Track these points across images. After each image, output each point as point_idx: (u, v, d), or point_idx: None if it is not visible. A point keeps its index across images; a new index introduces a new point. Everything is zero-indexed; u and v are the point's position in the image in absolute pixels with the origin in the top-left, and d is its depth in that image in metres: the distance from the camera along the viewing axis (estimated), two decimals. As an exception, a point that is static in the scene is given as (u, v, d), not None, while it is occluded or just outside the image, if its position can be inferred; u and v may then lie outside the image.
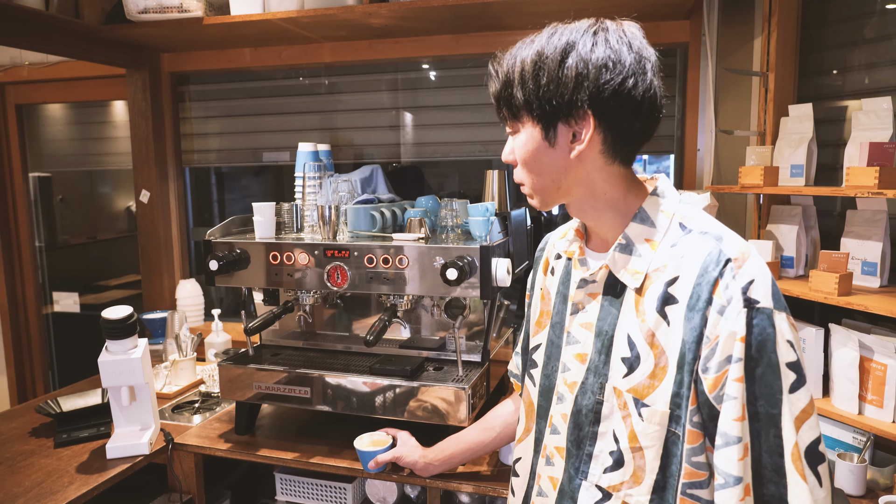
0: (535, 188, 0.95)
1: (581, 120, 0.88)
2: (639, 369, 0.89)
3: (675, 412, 0.86)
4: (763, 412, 0.80)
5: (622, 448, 0.91)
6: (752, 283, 0.82)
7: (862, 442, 1.58)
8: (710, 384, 0.82)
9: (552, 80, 0.86)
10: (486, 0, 1.87)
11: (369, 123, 2.53)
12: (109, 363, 1.65)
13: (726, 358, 0.81)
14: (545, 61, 0.87)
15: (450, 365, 1.76)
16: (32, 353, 3.10)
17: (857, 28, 1.81)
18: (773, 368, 0.80)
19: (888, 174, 1.46)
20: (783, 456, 0.79)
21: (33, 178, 3.05)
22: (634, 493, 0.90)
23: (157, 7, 2.14)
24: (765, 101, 1.91)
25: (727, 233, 0.88)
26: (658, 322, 0.88)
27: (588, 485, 0.94)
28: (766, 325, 0.80)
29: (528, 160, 0.93)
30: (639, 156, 2.41)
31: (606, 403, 0.92)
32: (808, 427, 0.80)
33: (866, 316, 1.62)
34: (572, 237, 1.05)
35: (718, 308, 0.82)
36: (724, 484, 0.81)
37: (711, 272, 0.83)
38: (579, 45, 0.86)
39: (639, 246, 0.92)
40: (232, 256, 1.69)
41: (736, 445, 0.80)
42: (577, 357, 0.98)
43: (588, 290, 0.98)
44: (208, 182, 2.94)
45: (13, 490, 1.52)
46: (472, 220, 1.67)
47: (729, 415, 0.81)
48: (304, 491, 1.79)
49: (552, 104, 0.87)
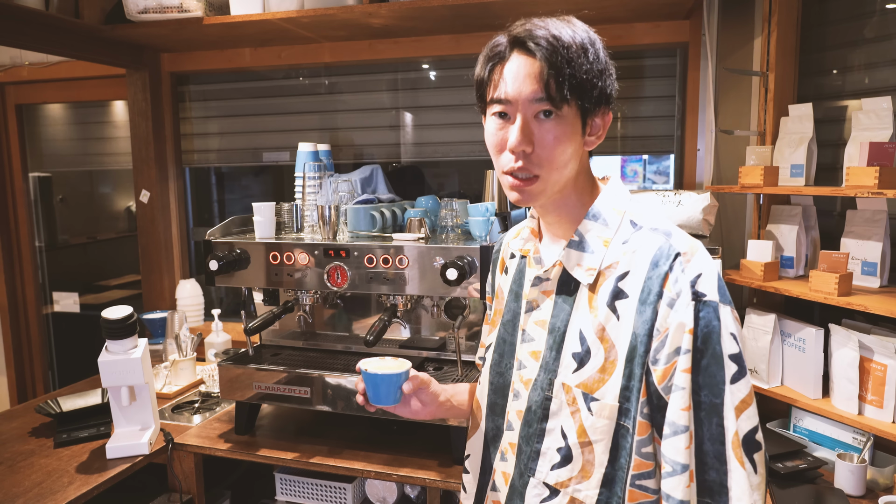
0: (551, 180, 0.90)
1: (603, 114, 0.91)
2: (589, 364, 0.90)
3: (623, 405, 0.87)
4: (706, 402, 0.82)
5: (570, 444, 0.91)
6: (700, 276, 0.84)
7: (862, 442, 1.58)
8: (660, 375, 0.84)
9: (603, 71, 0.88)
10: (486, 0, 1.87)
11: (369, 123, 2.53)
12: (109, 363, 1.65)
13: (675, 349, 0.83)
14: (599, 51, 0.88)
15: (450, 365, 1.76)
16: (32, 353, 3.10)
17: (857, 28, 1.81)
18: (717, 360, 0.82)
19: (888, 174, 1.46)
20: (724, 444, 0.81)
21: (33, 178, 3.05)
22: (583, 488, 0.90)
23: (157, 7, 2.14)
24: (765, 101, 1.91)
25: (675, 229, 0.90)
26: (608, 317, 0.89)
27: (535, 482, 0.95)
28: (712, 318, 0.82)
29: (561, 148, 0.87)
30: (639, 156, 2.43)
31: (555, 400, 0.93)
32: (746, 416, 0.82)
33: (866, 316, 1.62)
34: (527, 236, 1.05)
35: (668, 301, 0.84)
36: (671, 472, 0.83)
37: (662, 266, 0.85)
38: (595, 39, 0.89)
39: (591, 243, 0.93)
40: (232, 256, 1.69)
41: (683, 434, 0.82)
42: (532, 354, 0.98)
43: (542, 288, 0.99)
44: (208, 182, 2.94)
45: (13, 490, 1.52)
46: (472, 220, 1.67)
47: (677, 405, 0.82)
48: (304, 491, 1.79)
49: (601, 93, 0.88)
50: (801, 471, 1.54)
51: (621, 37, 2.14)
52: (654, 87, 2.24)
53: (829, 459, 1.59)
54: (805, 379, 1.68)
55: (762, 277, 1.76)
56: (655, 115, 2.25)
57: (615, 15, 2.05)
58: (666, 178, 2.43)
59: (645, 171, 2.47)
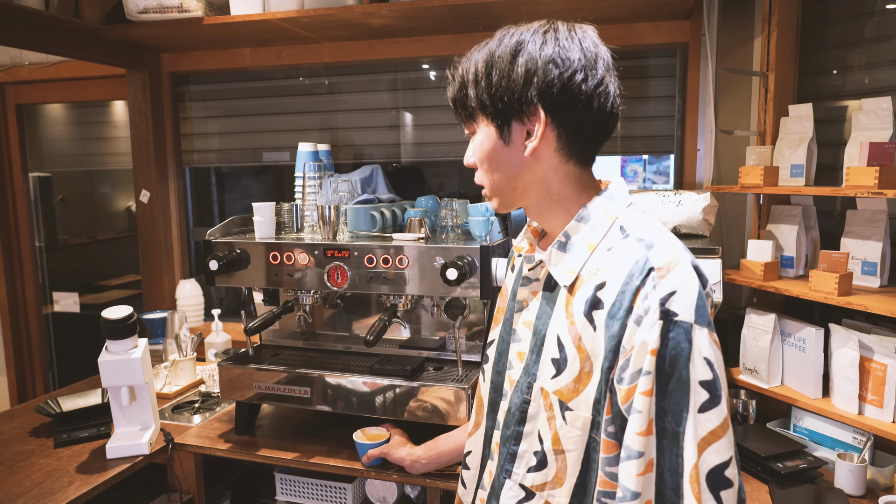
0: (494, 189, 0.96)
1: (533, 116, 0.89)
2: (565, 372, 0.88)
3: (596, 418, 0.85)
4: (670, 429, 0.77)
5: (546, 449, 0.90)
6: (673, 294, 0.79)
7: (862, 442, 1.58)
8: (623, 395, 0.81)
9: (503, 78, 0.89)
10: (486, 0, 1.87)
11: (369, 123, 2.53)
12: (109, 363, 1.65)
13: (637, 370, 0.79)
14: (496, 61, 0.90)
15: (450, 365, 1.76)
16: (32, 353, 3.10)
17: (857, 28, 1.81)
18: (682, 385, 0.77)
19: (888, 174, 1.46)
20: (682, 476, 0.77)
21: (33, 178, 3.05)
22: (556, 494, 0.90)
23: (157, 7, 2.14)
24: (765, 101, 1.91)
25: (662, 240, 0.85)
26: (585, 326, 0.86)
27: (511, 483, 0.94)
28: (682, 340, 0.78)
29: (484, 160, 0.95)
30: (639, 156, 2.43)
31: (533, 403, 0.92)
32: (715, 450, 0.77)
33: (866, 316, 1.62)
34: (525, 233, 1.06)
35: (636, 318, 0.80)
36: (622, 497, 0.80)
37: (634, 280, 0.82)
38: (529, 44, 0.88)
39: (576, 245, 0.91)
40: (232, 256, 1.69)
41: (636, 460, 0.78)
42: (519, 355, 0.98)
43: (531, 288, 0.99)
44: (208, 182, 2.94)
45: (13, 490, 1.52)
46: (472, 220, 1.67)
47: (633, 428, 0.79)
48: (304, 491, 1.79)
49: (504, 101, 0.89)
50: (801, 471, 1.54)
51: (621, 37, 2.14)
52: (654, 87, 2.24)
53: (829, 459, 1.59)
54: (805, 379, 1.68)
55: (762, 277, 1.76)
56: (655, 115, 2.25)
57: (615, 15, 2.05)
58: (666, 178, 2.43)
59: (645, 171, 2.47)
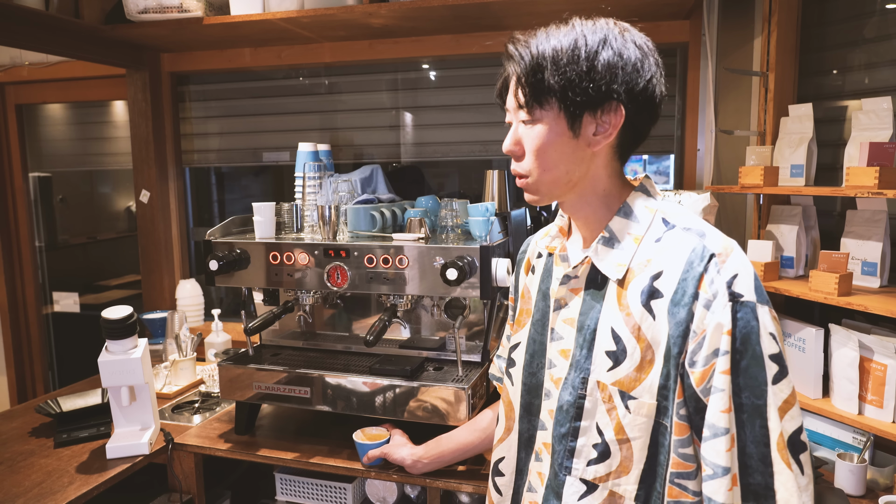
0: (544, 181, 0.94)
1: (609, 112, 0.90)
2: (625, 363, 0.90)
3: (662, 404, 0.88)
4: (748, 403, 0.81)
5: (608, 440, 0.91)
6: (736, 277, 0.83)
7: (862, 442, 1.58)
8: (698, 378, 0.83)
9: (591, 69, 0.88)
10: (486, 0, 1.87)
11: (369, 123, 2.53)
12: (109, 363, 1.65)
13: (713, 351, 0.82)
14: (582, 50, 0.88)
15: (450, 365, 1.76)
16: (32, 353, 3.10)
17: (857, 28, 1.81)
18: (757, 360, 0.81)
19: (888, 174, 1.46)
20: (769, 446, 0.80)
21: (33, 178, 3.05)
22: (622, 483, 0.91)
23: (157, 7, 2.14)
24: (765, 101, 1.91)
25: (710, 229, 0.90)
26: (644, 316, 0.89)
27: (572, 480, 0.95)
28: (750, 318, 0.82)
29: (543, 150, 0.92)
30: (639, 156, 2.43)
31: (589, 398, 0.93)
32: (790, 416, 0.81)
33: (866, 316, 1.62)
34: (555, 234, 1.07)
35: (704, 302, 0.83)
36: (712, 475, 0.82)
37: (696, 267, 0.85)
38: (612, 41, 0.89)
39: (622, 239, 0.93)
40: (232, 256, 1.69)
41: (724, 437, 0.81)
42: (562, 353, 0.99)
43: (570, 286, 0.99)
44: (208, 182, 2.94)
45: (13, 490, 1.52)
46: (472, 220, 1.67)
47: (717, 406, 0.82)
48: (304, 491, 1.79)
49: (588, 93, 0.88)
50: (801, 471, 1.54)
51: (621, 37, 2.13)
52: (654, 87, 2.24)
53: (829, 459, 1.59)
54: (805, 379, 1.68)
55: (762, 277, 1.76)
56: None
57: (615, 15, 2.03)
58: (666, 178, 2.43)
59: (645, 171, 2.47)
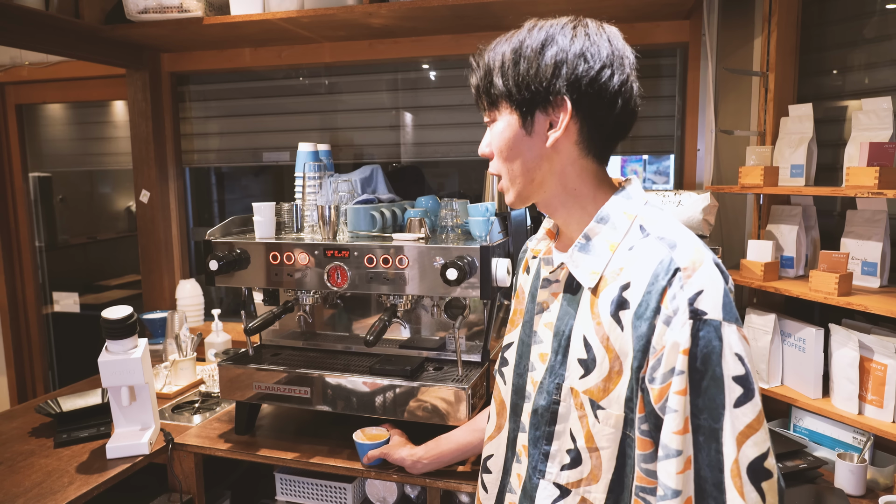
0: (511, 179, 0.96)
1: (558, 107, 0.90)
2: (594, 372, 0.89)
3: (629, 416, 0.86)
4: (706, 426, 0.78)
5: (579, 447, 0.91)
6: (701, 293, 0.80)
7: (862, 442, 1.58)
8: (656, 395, 0.81)
9: (531, 68, 0.89)
10: (486, 0, 1.87)
11: (369, 123, 2.53)
12: (109, 363, 1.65)
13: (670, 370, 0.80)
14: (525, 51, 0.90)
15: (450, 365, 1.76)
16: (32, 353, 3.10)
17: (857, 28, 1.81)
18: (716, 382, 0.78)
19: (888, 174, 1.46)
20: (723, 471, 0.77)
21: (33, 178, 3.05)
22: (592, 490, 0.90)
23: (157, 7, 2.14)
24: (765, 101, 1.91)
25: (684, 239, 0.86)
26: (612, 326, 0.87)
27: (546, 483, 0.94)
28: (713, 338, 0.79)
29: (504, 149, 0.94)
30: (639, 156, 2.43)
31: (563, 403, 0.93)
32: (753, 443, 0.78)
33: (866, 316, 1.62)
34: (541, 236, 1.07)
35: (665, 318, 0.81)
36: (663, 496, 0.80)
37: (661, 281, 0.82)
38: (559, 37, 0.89)
39: (597, 246, 0.92)
40: (232, 256, 1.69)
41: (675, 458, 0.79)
42: (541, 357, 0.98)
43: (551, 290, 0.99)
44: (208, 182, 2.94)
45: (13, 490, 1.52)
46: (472, 220, 1.67)
47: (669, 427, 0.80)
48: (304, 491, 1.79)
49: (531, 90, 0.89)
50: (801, 471, 1.54)
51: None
52: (654, 87, 2.24)
53: (829, 459, 1.59)
54: (805, 379, 1.68)
55: (762, 277, 1.76)
56: (655, 115, 2.25)
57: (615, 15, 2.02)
58: (666, 179, 2.43)
59: (645, 171, 2.47)
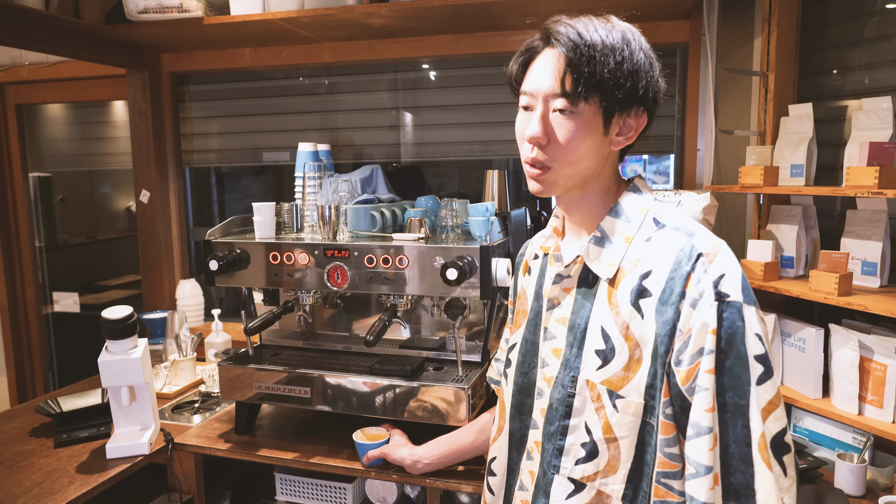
0: (564, 173, 0.92)
1: (637, 116, 0.92)
2: (613, 361, 0.90)
3: (649, 403, 0.88)
4: (731, 403, 0.81)
5: (596, 439, 0.91)
6: (723, 277, 0.84)
7: (862, 442, 1.58)
8: (683, 376, 0.84)
9: (635, 70, 0.88)
10: (486, 0, 1.87)
11: (369, 123, 2.53)
12: (109, 363, 1.65)
13: (698, 350, 0.83)
14: (627, 49, 0.88)
15: (450, 365, 1.76)
16: (32, 353, 3.10)
17: (857, 28, 1.81)
18: (741, 360, 0.82)
19: (888, 174, 1.46)
20: (750, 446, 0.81)
21: (33, 178, 3.05)
22: (609, 482, 0.91)
23: (157, 7, 2.14)
24: (765, 101, 1.91)
25: (699, 229, 0.90)
26: (632, 314, 0.89)
27: (560, 478, 0.95)
28: (736, 318, 0.82)
29: (576, 144, 0.90)
30: (639, 156, 2.43)
31: (578, 396, 0.93)
32: (774, 418, 0.81)
33: (866, 316, 1.62)
34: (549, 234, 1.09)
35: (691, 301, 0.84)
36: (694, 473, 0.83)
37: (684, 266, 0.85)
38: (643, 44, 0.90)
39: (613, 239, 0.94)
40: (232, 256, 1.69)
41: (707, 436, 0.82)
42: (554, 352, 0.99)
43: (563, 286, 1.00)
44: (208, 182, 2.94)
45: (13, 490, 1.52)
46: (472, 220, 1.67)
47: (700, 406, 0.82)
48: (304, 491, 1.79)
49: (628, 93, 0.89)
50: (801, 471, 1.54)
51: (621, 37, 2.14)
52: (654, 87, 2.24)
53: (829, 459, 1.59)
54: (805, 379, 1.68)
55: (762, 277, 1.76)
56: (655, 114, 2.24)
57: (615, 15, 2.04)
58: (666, 178, 2.43)
59: (645, 171, 2.47)
